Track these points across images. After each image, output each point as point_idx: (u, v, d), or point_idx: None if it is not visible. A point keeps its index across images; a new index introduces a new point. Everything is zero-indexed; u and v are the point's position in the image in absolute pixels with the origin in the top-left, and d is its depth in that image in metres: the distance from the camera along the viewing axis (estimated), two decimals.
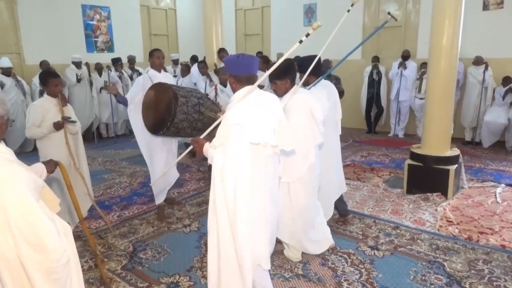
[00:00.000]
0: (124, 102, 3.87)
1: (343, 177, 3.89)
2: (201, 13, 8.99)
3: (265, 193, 2.31)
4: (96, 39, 8.96)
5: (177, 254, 3.33)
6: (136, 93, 3.85)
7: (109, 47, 9.18)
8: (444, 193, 4.50)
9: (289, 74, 2.84)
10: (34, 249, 1.57)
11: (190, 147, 2.52)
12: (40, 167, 2.06)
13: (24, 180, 1.62)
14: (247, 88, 2.21)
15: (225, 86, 4.98)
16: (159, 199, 4.10)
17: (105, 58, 8.50)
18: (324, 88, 3.40)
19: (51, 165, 2.16)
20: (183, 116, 3.36)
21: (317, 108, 2.91)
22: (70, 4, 8.33)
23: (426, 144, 4.70)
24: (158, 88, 3.53)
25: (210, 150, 2.25)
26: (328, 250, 3.32)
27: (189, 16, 10.88)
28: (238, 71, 2.23)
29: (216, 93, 4.91)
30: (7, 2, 7.46)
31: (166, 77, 4.13)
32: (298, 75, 3.08)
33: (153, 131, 3.60)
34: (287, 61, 2.56)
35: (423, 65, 7.07)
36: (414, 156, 4.75)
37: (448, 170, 4.47)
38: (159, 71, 4.05)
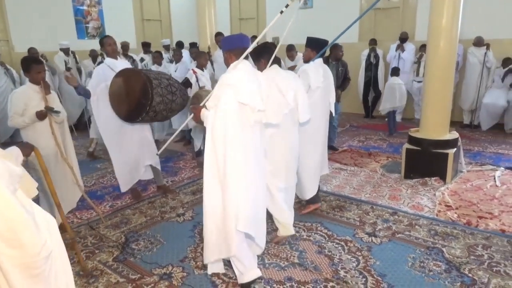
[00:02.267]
0: (86, 94, 3.68)
1: (326, 159, 3.87)
2: None
3: (252, 157, 2.50)
4: (87, 25, 8.75)
5: (170, 244, 3.25)
6: (98, 83, 3.69)
7: (101, 33, 8.95)
8: (443, 178, 4.43)
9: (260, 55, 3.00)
10: (7, 243, 1.49)
11: (192, 115, 2.71)
12: (15, 151, 1.96)
13: None
14: (240, 60, 2.52)
15: (202, 70, 5.09)
16: (125, 188, 4.04)
17: (96, 45, 8.28)
18: (321, 66, 3.61)
19: (27, 149, 2.06)
20: (160, 99, 3.37)
21: (283, 82, 2.95)
22: None
23: (424, 128, 4.62)
24: (127, 74, 3.44)
25: (205, 112, 2.52)
26: (324, 238, 3.27)
27: (182, 0, 10.62)
28: (234, 45, 2.55)
29: (197, 77, 4.93)
30: None
31: (124, 64, 3.93)
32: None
33: (129, 119, 3.53)
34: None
35: (422, 47, 6.92)
36: (412, 140, 4.66)
37: (446, 154, 4.39)
38: (116, 58, 3.88)
